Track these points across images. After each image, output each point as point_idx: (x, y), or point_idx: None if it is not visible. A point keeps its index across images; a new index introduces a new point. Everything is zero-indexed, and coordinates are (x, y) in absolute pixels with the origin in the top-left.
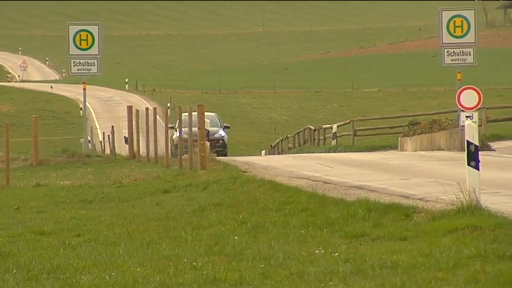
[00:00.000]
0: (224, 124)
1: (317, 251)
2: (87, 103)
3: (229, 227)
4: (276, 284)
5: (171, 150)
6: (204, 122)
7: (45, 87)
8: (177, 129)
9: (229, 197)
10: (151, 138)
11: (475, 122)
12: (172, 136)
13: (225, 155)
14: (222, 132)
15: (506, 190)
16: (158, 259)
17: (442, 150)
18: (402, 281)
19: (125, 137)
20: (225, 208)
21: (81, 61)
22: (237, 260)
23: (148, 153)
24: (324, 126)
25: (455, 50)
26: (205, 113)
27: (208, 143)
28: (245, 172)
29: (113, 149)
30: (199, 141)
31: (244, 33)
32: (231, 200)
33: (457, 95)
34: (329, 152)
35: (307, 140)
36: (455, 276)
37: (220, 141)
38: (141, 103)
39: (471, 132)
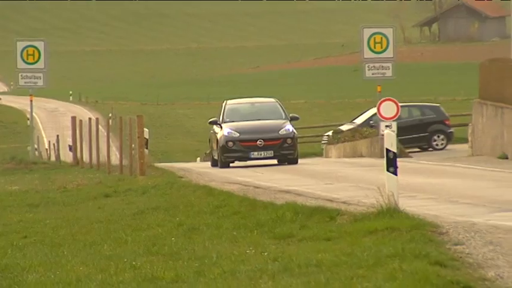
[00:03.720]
0: (291, 114)
1: (248, 251)
2: (33, 114)
3: (166, 229)
4: (210, 282)
5: (214, 156)
6: (142, 131)
7: None
8: (221, 125)
9: (167, 201)
10: (94, 146)
11: (394, 131)
12: (215, 134)
13: (296, 162)
14: (289, 127)
15: (422, 194)
16: (100, 259)
17: (364, 157)
18: (326, 278)
19: (69, 145)
20: (163, 211)
21: (28, 74)
22: (173, 259)
23: (91, 160)
24: None
25: (376, 65)
26: (263, 100)
27: (262, 142)
28: (181, 177)
29: (58, 156)
30: (138, 148)
31: (180, 49)
32: (168, 203)
33: (377, 106)
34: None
35: None
36: (375, 273)
37: (288, 141)
38: (84, 114)
39: (390, 140)
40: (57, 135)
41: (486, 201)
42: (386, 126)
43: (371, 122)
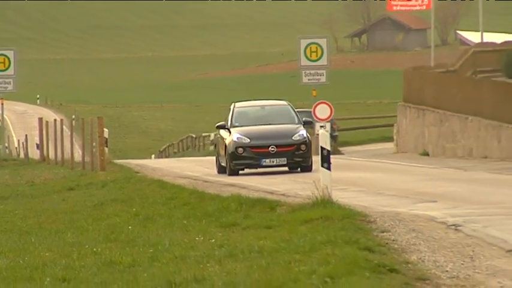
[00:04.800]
0: (304, 118)
1: (197, 238)
2: (4, 115)
3: (123, 219)
4: (163, 266)
5: (221, 162)
6: (102, 131)
7: None
8: (230, 130)
9: (124, 194)
10: (59, 145)
11: (327, 131)
12: (223, 140)
13: (310, 170)
14: (303, 132)
15: (352, 187)
16: (64, 245)
17: None
18: (267, 263)
19: (36, 143)
20: (120, 203)
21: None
22: (130, 246)
23: (56, 157)
24: (203, 134)
25: (311, 71)
26: (274, 102)
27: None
28: (137, 173)
29: (26, 154)
30: (99, 146)
31: (136, 57)
32: (125, 196)
33: (312, 108)
34: (207, 156)
35: (190, 146)
36: (310, 258)
37: (302, 147)
38: (50, 115)
39: (324, 139)
40: (26, 135)
41: (409, 193)
42: (321, 126)
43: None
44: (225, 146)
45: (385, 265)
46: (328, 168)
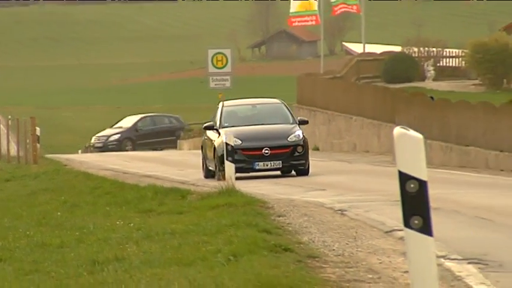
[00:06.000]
0: (299, 117)
1: (117, 223)
2: None
3: (53, 206)
4: (88, 247)
5: (209, 166)
6: (35, 130)
7: None
8: (219, 131)
9: (54, 184)
10: None
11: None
12: (211, 141)
13: (307, 174)
14: (299, 133)
15: (253, 178)
16: (1, 230)
17: None
18: (179, 243)
19: None
20: (51, 192)
21: None
22: (59, 229)
23: None
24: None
25: (218, 77)
26: (266, 101)
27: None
28: (66, 166)
29: None
30: (32, 143)
31: (65, 65)
32: (55, 186)
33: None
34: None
35: None
36: (216, 239)
37: (299, 149)
38: None
39: (228, 136)
40: None
41: (303, 182)
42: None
43: (139, 125)
44: (214, 148)
45: (280, 245)
46: (232, 162)
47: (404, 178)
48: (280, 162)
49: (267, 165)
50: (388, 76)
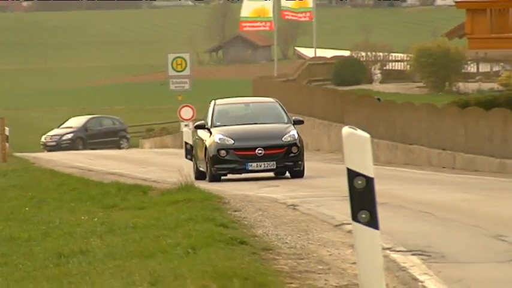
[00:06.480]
0: (294, 117)
1: (82, 217)
2: None
3: (21, 202)
4: (54, 240)
5: (200, 167)
6: (4, 129)
7: None
8: (210, 130)
9: (22, 181)
10: None
11: (190, 129)
12: (202, 141)
13: (302, 176)
14: (294, 132)
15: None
16: None
17: (169, 148)
18: (140, 237)
19: None
20: (19, 188)
21: None
22: (26, 224)
23: None
24: None
25: (177, 80)
26: (260, 99)
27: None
28: (34, 164)
29: None
30: (1, 142)
31: (33, 68)
32: (23, 183)
33: (178, 110)
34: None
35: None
36: (175, 233)
37: (294, 149)
38: None
39: (187, 135)
40: None
41: (256, 179)
42: (185, 125)
43: (88, 125)
44: (205, 148)
45: (236, 238)
46: (191, 160)
47: (352, 175)
48: (274, 163)
49: (260, 166)
50: (337, 79)
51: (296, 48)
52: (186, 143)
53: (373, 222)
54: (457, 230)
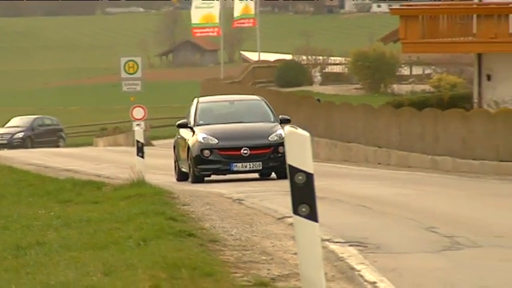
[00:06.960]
0: (281, 116)
1: (39, 212)
2: None
3: None
4: (12, 233)
5: (182, 168)
6: None
7: None
8: (193, 129)
9: None
10: None
11: (142, 128)
12: (185, 141)
13: (285, 177)
14: (280, 132)
15: (161, 171)
16: None
17: (122, 146)
18: (94, 230)
19: None
20: None
21: None
22: None
23: None
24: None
25: (129, 82)
26: (245, 97)
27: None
28: None
29: None
30: None
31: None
32: None
33: (130, 110)
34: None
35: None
36: (128, 226)
37: (281, 149)
38: None
39: (139, 134)
40: None
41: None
42: (137, 124)
43: (34, 125)
44: (188, 148)
45: (185, 231)
46: (142, 157)
47: (293, 171)
48: (260, 163)
49: (245, 167)
50: (280, 81)
51: (241, 52)
52: (138, 141)
53: (312, 215)
54: (392, 223)
